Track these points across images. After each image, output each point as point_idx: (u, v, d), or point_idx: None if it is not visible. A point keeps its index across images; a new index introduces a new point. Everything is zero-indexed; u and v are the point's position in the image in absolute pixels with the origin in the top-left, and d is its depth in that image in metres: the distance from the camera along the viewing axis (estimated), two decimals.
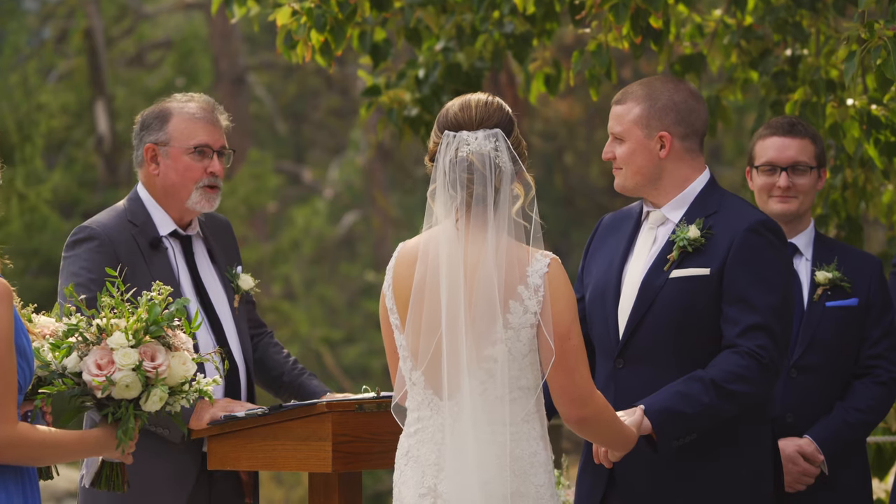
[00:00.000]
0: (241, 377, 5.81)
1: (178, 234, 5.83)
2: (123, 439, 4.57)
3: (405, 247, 4.70)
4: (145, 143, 5.83)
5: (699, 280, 5.15)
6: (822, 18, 7.49)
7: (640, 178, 5.30)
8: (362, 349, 24.18)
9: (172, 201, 5.80)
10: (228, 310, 5.86)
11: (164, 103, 5.89)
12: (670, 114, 5.28)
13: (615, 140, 5.34)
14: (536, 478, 4.60)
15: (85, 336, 4.56)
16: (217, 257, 5.91)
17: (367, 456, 5.24)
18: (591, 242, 5.53)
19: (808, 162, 6.01)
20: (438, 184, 4.62)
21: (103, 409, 4.59)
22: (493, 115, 4.64)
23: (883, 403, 5.92)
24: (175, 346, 4.63)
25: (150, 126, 5.84)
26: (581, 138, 24.92)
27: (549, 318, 4.55)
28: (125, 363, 4.52)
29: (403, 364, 4.66)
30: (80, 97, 24.24)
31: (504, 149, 4.61)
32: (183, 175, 5.77)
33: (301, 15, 6.86)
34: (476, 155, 4.59)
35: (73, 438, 4.50)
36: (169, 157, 5.79)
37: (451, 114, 4.66)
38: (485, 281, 4.53)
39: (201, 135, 5.79)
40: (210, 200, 5.80)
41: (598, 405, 4.65)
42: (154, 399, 4.56)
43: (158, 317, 4.60)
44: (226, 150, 5.86)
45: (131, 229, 5.75)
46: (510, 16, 7.57)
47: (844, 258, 6.01)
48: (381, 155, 24.43)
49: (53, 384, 4.53)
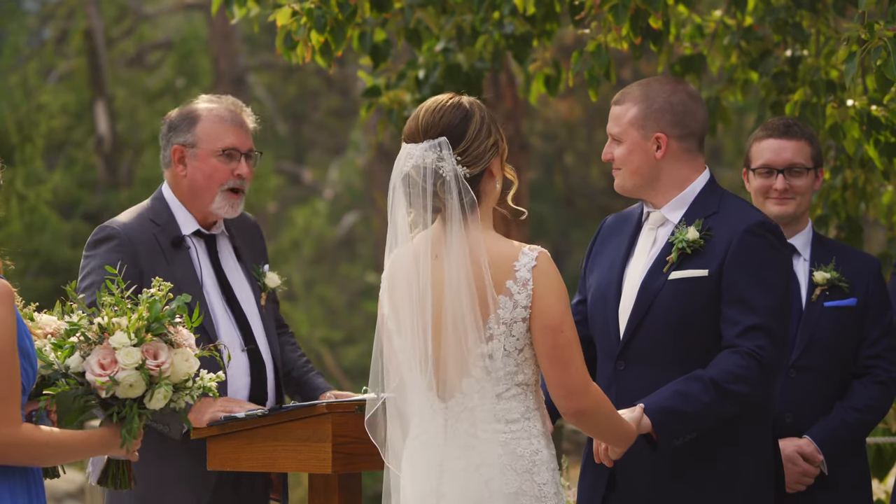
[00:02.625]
0: (268, 375, 5.82)
1: (201, 233, 5.85)
2: (128, 438, 4.57)
3: (398, 253, 4.71)
4: (173, 145, 5.85)
5: (698, 281, 5.15)
6: (822, 19, 7.49)
7: (638, 178, 5.31)
8: (362, 349, 24.17)
9: (197, 203, 5.82)
10: (255, 308, 5.87)
11: (191, 105, 5.91)
12: (666, 115, 5.28)
13: (613, 141, 5.34)
14: (539, 476, 4.60)
15: (87, 335, 4.56)
16: (243, 256, 5.93)
17: (366, 457, 5.23)
18: (594, 244, 5.54)
19: (804, 163, 6.01)
20: (393, 195, 4.65)
21: (108, 409, 4.59)
22: (440, 121, 4.63)
23: (882, 403, 5.92)
24: (177, 342, 4.62)
25: (177, 128, 5.86)
26: (581, 139, 24.93)
27: (541, 312, 4.55)
28: (128, 362, 4.51)
29: (403, 367, 4.67)
30: (80, 98, 24.25)
31: (448, 157, 4.60)
32: (210, 177, 5.79)
33: (301, 15, 6.86)
34: (417, 169, 4.61)
35: (77, 438, 4.50)
36: (196, 158, 5.81)
37: (407, 124, 4.70)
38: (456, 282, 4.55)
39: (229, 137, 5.82)
40: (233, 206, 5.82)
41: (594, 397, 4.66)
42: (158, 397, 4.56)
43: (160, 314, 4.60)
44: (253, 153, 5.88)
45: (153, 229, 5.77)
46: (510, 16, 7.56)
47: (842, 258, 6.02)
48: (381, 155, 24.42)
49: (57, 384, 4.53)
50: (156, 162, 25.50)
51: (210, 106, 5.88)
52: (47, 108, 20.34)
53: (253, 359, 5.79)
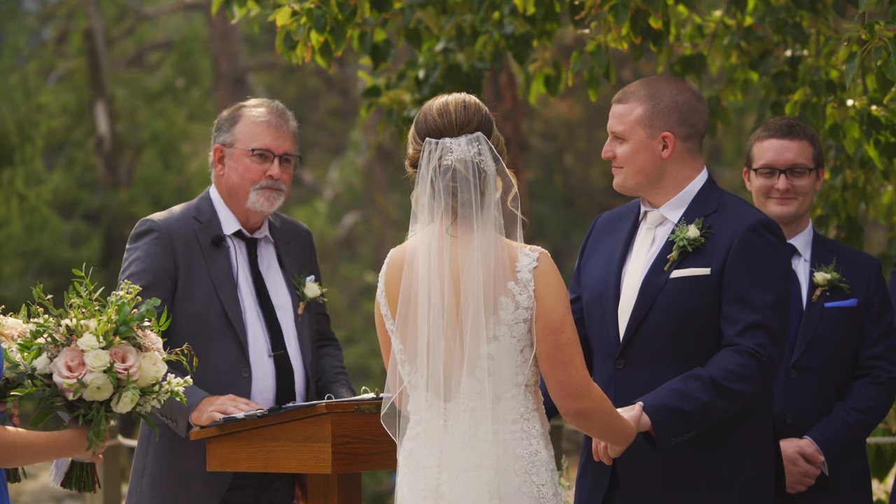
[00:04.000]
0: (297, 382, 5.84)
1: (244, 235, 5.88)
2: (95, 441, 4.54)
3: (396, 252, 4.70)
4: (216, 144, 5.92)
5: (700, 280, 5.15)
6: (822, 19, 7.49)
7: (642, 177, 5.30)
8: (362, 350, 24.18)
9: (235, 202, 5.87)
10: (291, 315, 5.89)
11: (238, 106, 5.97)
12: (673, 114, 5.27)
13: (616, 139, 5.32)
14: (538, 476, 4.60)
15: (54, 337, 4.53)
16: (286, 263, 5.95)
17: (366, 457, 5.23)
18: (587, 242, 5.51)
19: (806, 164, 6.01)
20: (423, 192, 4.62)
21: (74, 411, 4.56)
22: (473, 118, 4.63)
23: (882, 403, 5.91)
24: (145, 346, 4.60)
25: (221, 128, 5.94)
26: (581, 139, 24.94)
27: (541, 312, 4.55)
28: (96, 365, 4.48)
29: (402, 368, 4.66)
30: (80, 98, 24.25)
31: (486, 151, 4.61)
32: (242, 176, 5.84)
33: (301, 15, 6.86)
34: (461, 162, 4.58)
35: (43, 439, 4.47)
36: (232, 158, 5.87)
37: (430, 120, 4.64)
38: (473, 281, 4.54)
39: (263, 138, 5.85)
40: (270, 199, 5.85)
41: (595, 398, 4.65)
42: (125, 401, 4.53)
43: (128, 317, 4.57)
44: (289, 156, 5.90)
45: (194, 226, 5.82)
46: (510, 16, 7.56)
47: (843, 259, 6.01)
48: (381, 156, 24.44)
49: (23, 385, 4.50)
50: (156, 162, 25.56)
51: (252, 108, 5.93)
52: (47, 108, 20.35)
53: (280, 364, 5.81)
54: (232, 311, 5.73)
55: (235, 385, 5.67)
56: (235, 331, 5.72)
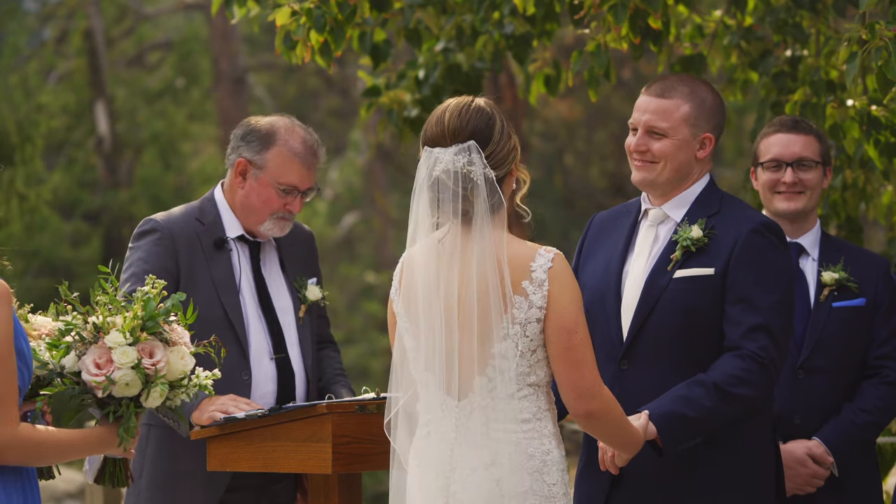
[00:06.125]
0: (297, 385, 5.84)
1: (246, 238, 5.88)
2: (125, 437, 4.57)
3: (411, 251, 4.71)
4: (241, 156, 5.85)
5: (704, 280, 5.14)
6: (822, 19, 7.49)
7: (675, 174, 5.27)
8: (362, 350, 24.18)
9: (246, 218, 5.86)
10: (293, 318, 5.89)
11: (273, 124, 5.88)
12: (715, 116, 5.28)
13: (650, 134, 5.28)
14: (549, 476, 4.61)
15: (82, 335, 4.55)
16: (288, 267, 5.95)
17: (367, 457, 5.23)
18: (584, 242, 5.50)
19: (813, 157, 6.00)
20: (419, 198, 4.64)
21: (104, 408, 4.59)
22: (468, 125, 4.63)
23: (891, 404, 5.87)
24: (172, 340, 4.62)
25: (251, 142, 5.86)
26: (581, 139, 24.92)
27: (555, 313, 4.56)
28: (124, 361, 4.51)
29: (414, 367, 4.67)
30: (80, 98, 24.25)
31: (478, 160, 4.60)
32: (264, 203, 5.82)
33: (300, 15, 6.86)
34: (447, 174, 4.60)
35: (74, 437, 4.50)
36: (257, 181, 5.83)
37: (428, 128, 4.68)
38: (481, 282, 4.55)
39: (293, 177, 5.84)
40: (282, 227, 5.87)
41: (606, 399, 4.66)
42: (155, 396, 4.56)
43: (154, 312, 4.59)
44: (311, 191, 5.90)
45: (197, 227, 5.81)
46: (510, 16, 7.56)
47: (851, 258, 5.98)
48: (381, 156, 24.42)
49: (53, 384, 4.52)
50: (155, 162, 25.51)
51: (287, 134, 5.86)
52: (47, 108, 20.35)
53: (281, 367, 5.81)
54: (234, 315, 5.73)
55: (235, 389, 5.66)
56: (237, 334, 5.72)
